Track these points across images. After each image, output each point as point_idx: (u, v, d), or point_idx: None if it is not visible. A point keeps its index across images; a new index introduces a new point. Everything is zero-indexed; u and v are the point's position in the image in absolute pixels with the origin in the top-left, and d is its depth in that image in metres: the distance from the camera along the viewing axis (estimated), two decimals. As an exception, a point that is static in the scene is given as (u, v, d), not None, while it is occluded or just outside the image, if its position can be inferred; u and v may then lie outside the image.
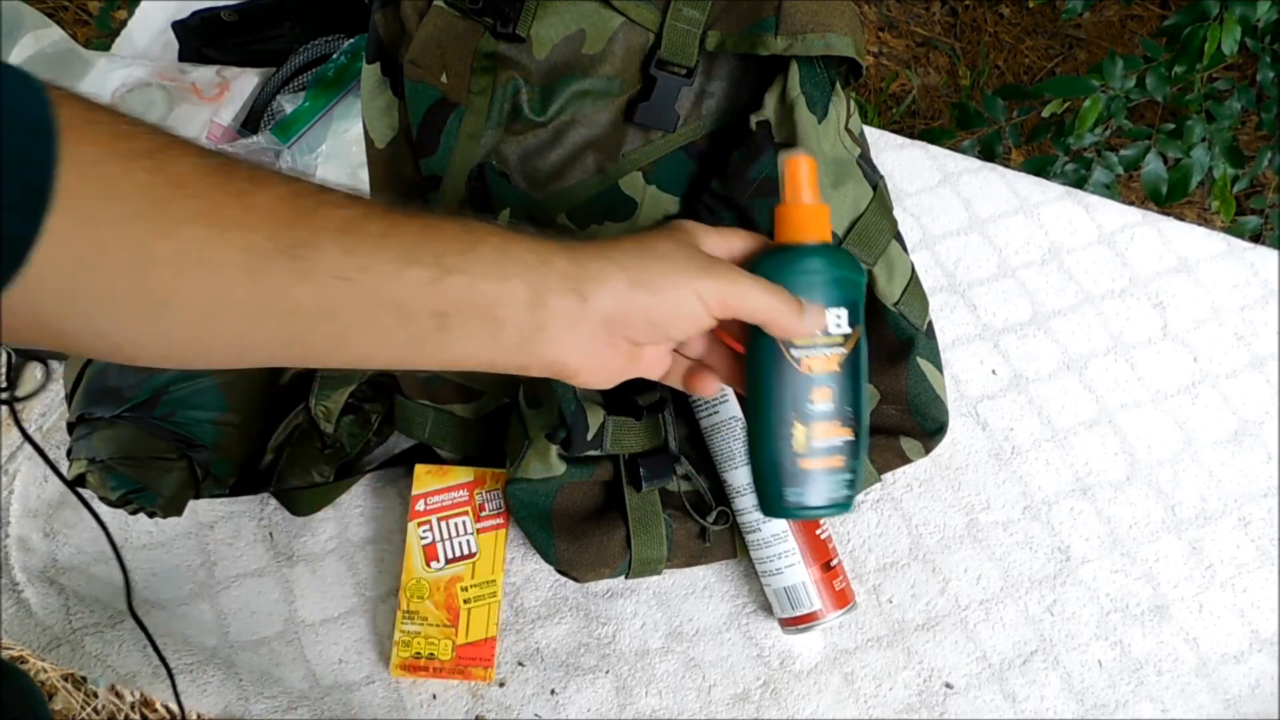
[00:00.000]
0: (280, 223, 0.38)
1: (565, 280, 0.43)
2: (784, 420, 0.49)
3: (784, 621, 0.68)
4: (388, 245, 0.40)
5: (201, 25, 0.88)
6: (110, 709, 1.22)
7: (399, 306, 0.40)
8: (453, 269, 0.41)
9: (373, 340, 0.41)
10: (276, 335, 0.40)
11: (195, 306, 0.38)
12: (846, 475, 0.50)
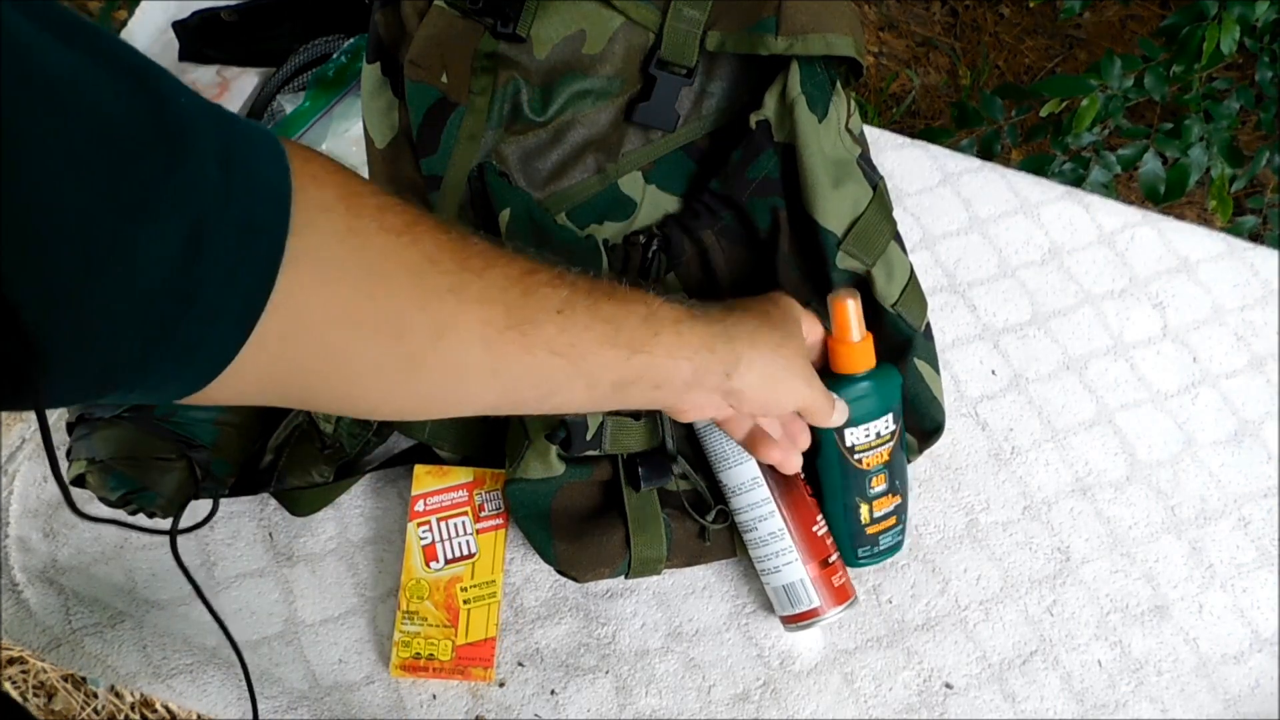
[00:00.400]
0: (512, 301, 0.44)
1: (721, 364, 0.53)
2: (852, 505, 0.67)
3: (785, 619, 0.68)
4: (593, 327, 0.48)
5: (201, 25, 0.88)
6: (110, 709, 1.22)
7: (592, 377, 0.49)
8: (639, 350, 0.50)
9: (565, 399, 0.50)
10: (494, 394, 0.47)
11: (438, 371, 0.44)
12: (899, 527, 0.69)
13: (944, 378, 0.78)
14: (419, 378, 0.43)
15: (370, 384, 0.42)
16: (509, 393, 0.47)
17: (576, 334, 0.46)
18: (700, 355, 0.52)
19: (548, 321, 0.45)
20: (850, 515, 0.68)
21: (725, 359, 0.53)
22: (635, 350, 0.49)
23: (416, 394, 0.44)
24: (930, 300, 0.73)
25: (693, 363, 0.52)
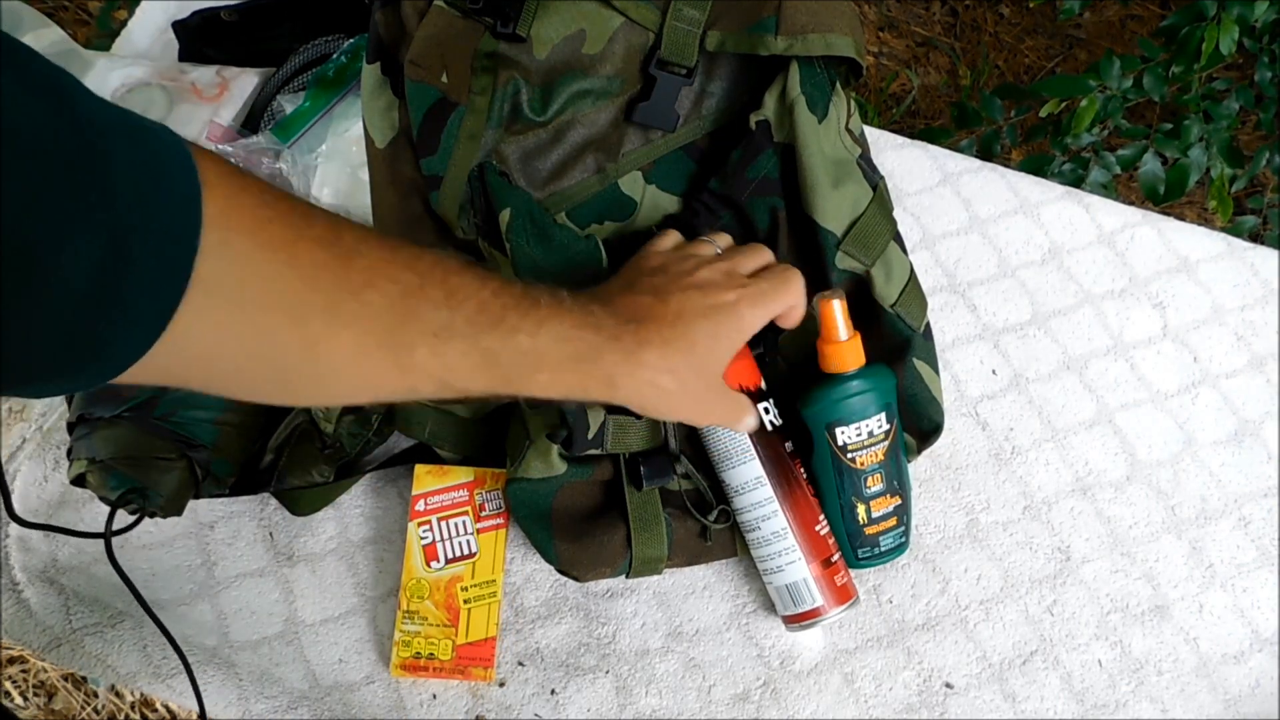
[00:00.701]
0: (386, 326, 0.45)
1: (596, 393, 0.54)
2: (849, 504, 0.68)
3: (787, 619, 0.68)
4: (469, 354, 0.48)
5: (201, 25, 0.88)
6: (110, 709, 1.22)
7: (466, 392, 0.50)
8: (512, 383, 0.51)
9: (460, 388, 0.50)
10: (367, 398, 0.53)
11: (312, 382, 0.46)
12: (900, 529, 0.69)
13: (944, 378, 0.78)
14: (295, 386, 0.45)
15: (253, 384, 0.44)
16: (383, 398, 0.51)
17: (451, 360, 0.47)
18: (574, 393, 0.54)
19: (422, 345, 0.46)
20: (848, 515, 0.68)
21: (600, 391, 0.54)
22: (509, 382, 0.51)
23: (297, 396, 0.49)
24: (930, 300, 0.73)
25: (565, 395, 0.54)
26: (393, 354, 0.45)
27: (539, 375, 0.51)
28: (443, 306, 0.47)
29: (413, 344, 0.46)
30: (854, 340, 0.66)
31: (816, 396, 0.67)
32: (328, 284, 0.43)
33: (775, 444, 0.66)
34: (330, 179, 0.74)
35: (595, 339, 0.53)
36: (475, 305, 0.48)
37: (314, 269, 0.42)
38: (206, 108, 0.83)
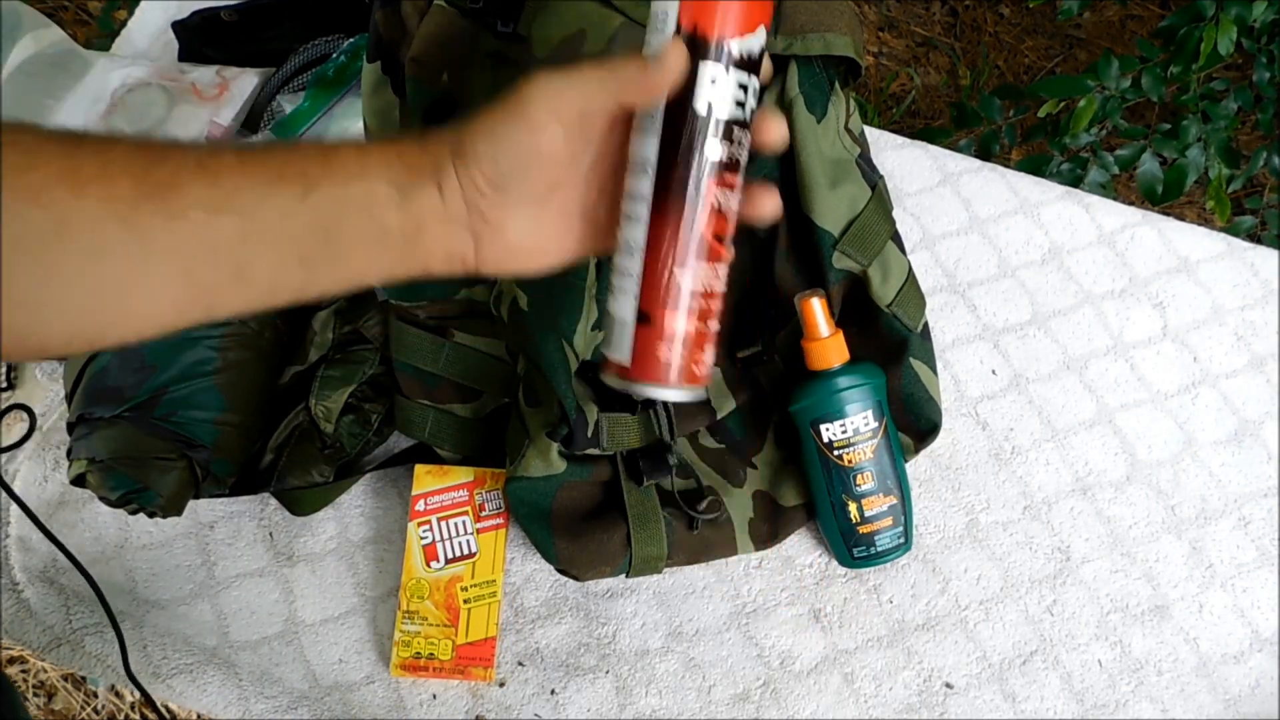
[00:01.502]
0: (140, 170, 0.38)
1: (420, 172, 0.43)
2: (840, 502, 0.68)
3: (604, 363, 0.49)
4: (250, 171, 0.40)
5: (201, 25, 0.88)
6: (110, 709, 1.22)
7: (278, 229, 0.41)
8: (318, 179, 0.41)
9: (268, 269, 0.41)
10: (170, 284, 0.40)
11: (80, 274, 0.38)
12: (897, 529, 0.69)
13: (944, 378, 0.78)
14: (63, 288, 0.38)
15: (15, 312, 0.37)
16: (190, 280, 0.40)
17: (232, 182, 0.40)
18: (392, 167, 0.42)
19: (191, 178, 0.39)
20: (840, 513, 0.68)
21: (421, 165, 0.43)
22: (312, 182, 0.41)
23: (69, 309, 0.39)
24: (930, 300, 0.73)
25: (387, 179, 0.42)
26: (161, 201, 0.38)
27: (339, 165, 0.42)
28: (201, 145, 0.41)
29: (179, 182, 0.39)
30: (835, 337, 0.67)
31: (801, 394, 0.68)
32: (56, 152, 0.37)
33: (693, 134, 0.44)
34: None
35: (402, 136, 0.45)
36: (241, 141, 0.42)
37: (37, 144, 0.38)
38: (206, 108, 0.83)
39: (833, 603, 0.72)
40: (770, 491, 0.72)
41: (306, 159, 0.41)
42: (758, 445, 0.73)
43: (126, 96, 0.84)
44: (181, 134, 0.82)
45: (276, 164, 0.41)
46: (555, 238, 0.47)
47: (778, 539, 0.72)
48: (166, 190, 0.38)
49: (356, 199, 0.42)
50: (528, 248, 0.46)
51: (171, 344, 0.68)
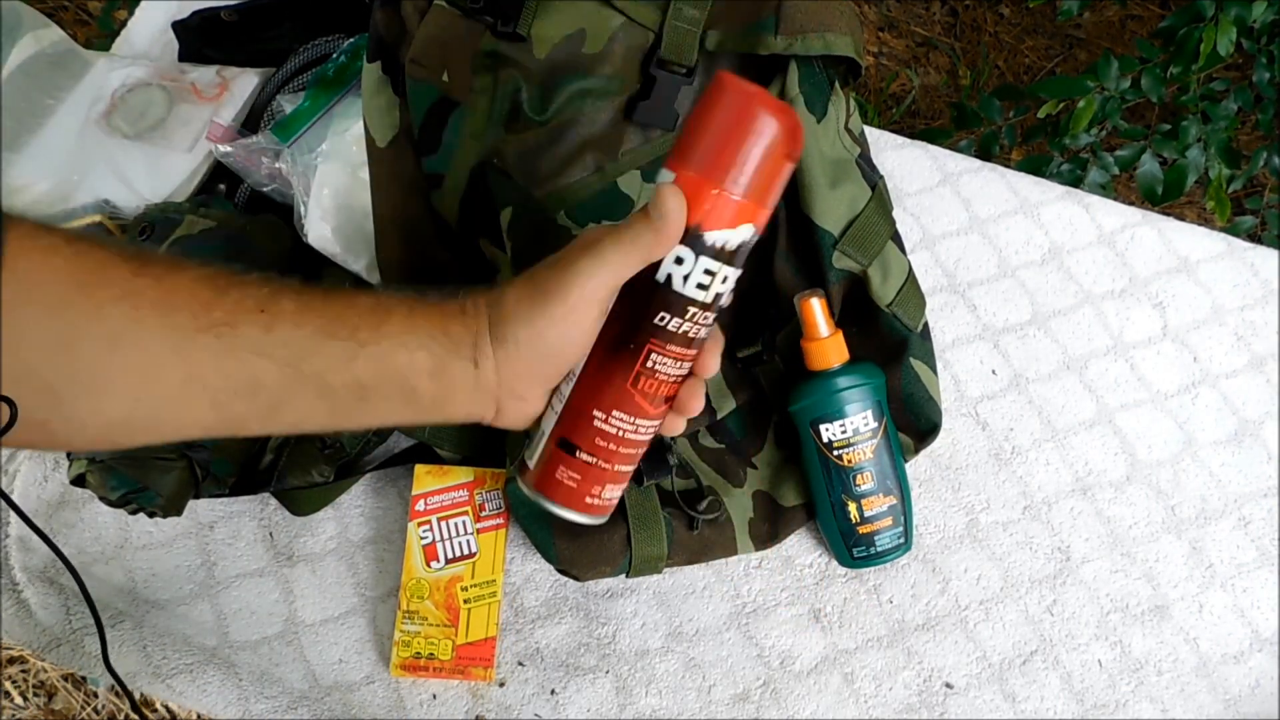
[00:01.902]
0: (200, 303, 0.40)
1: (460, 347, 0.45)
2: (840, 502, 0.68)
3: (520, 466, 0.54)
4: (305, 322, 0.42)
5: (201, 25, 0.88)
6: (110, 709, 1.22)
7: (320, 380, 0.43)
8: (366, 343, 0.43)
9: (300, 412, 0.44)
10: (205, 409, 0.42)
11: (124, 384, 0.40)
12: (897, 529, 0.69)
13: (944, 378, 0.78)
14: (105, 397, 0.40)
15: (54, 407, 0.39)
16: (223, 409, 0.42)
17: (286, 332, 0.42)
18: (436, 340, 0.45)
19: (249, 322, 0.41)
20: (839, 513, 0.69)
21: (463, 340, 0.46)
22: (361, 344, 0.43)
23: (108, 418, 0.41)
24: (930, 300, 0.73)
25: (430, 351, 0.45)
26: (215, 336, 0.40)
27: (388, 330, 0.44)
28: (264, 284, 0.43)
29: (237, 321, 0.41)
30: (835, 337, 0.67)
31: (800, 394, 0.68)
32: (124, 273, 0.39)
33: (647, 298, 0.46)
34: (330, 179, 0.74)
35: (447, 304, 0.46)
36: (299, 283, 0.44)
37: (107, 260, 0.40)
38: (206, 108, 0.83)
39: (833, 603, 0.72)
40: (770, 491, 0.72)
41: (361, 316, 0.44)
42: (758, 445, 0.73)
43: (126, 96, 0.84)
44: (181, 134, 0.82)
45: (333, 317, 0.43)
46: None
47: (778, 539, 0.72)
48: (223, 327, 0.41)
49: (397, 367, 0.44)
50: (540, 407, 0.50)
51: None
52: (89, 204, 0.78)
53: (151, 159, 0.81)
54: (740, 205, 0.45)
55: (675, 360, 0.47)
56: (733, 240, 0.45)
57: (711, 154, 0.44)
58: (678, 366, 0.48)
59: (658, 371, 0.47)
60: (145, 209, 0.76)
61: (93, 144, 0.82)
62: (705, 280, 0.46)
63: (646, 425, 0.49)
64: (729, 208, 0.45)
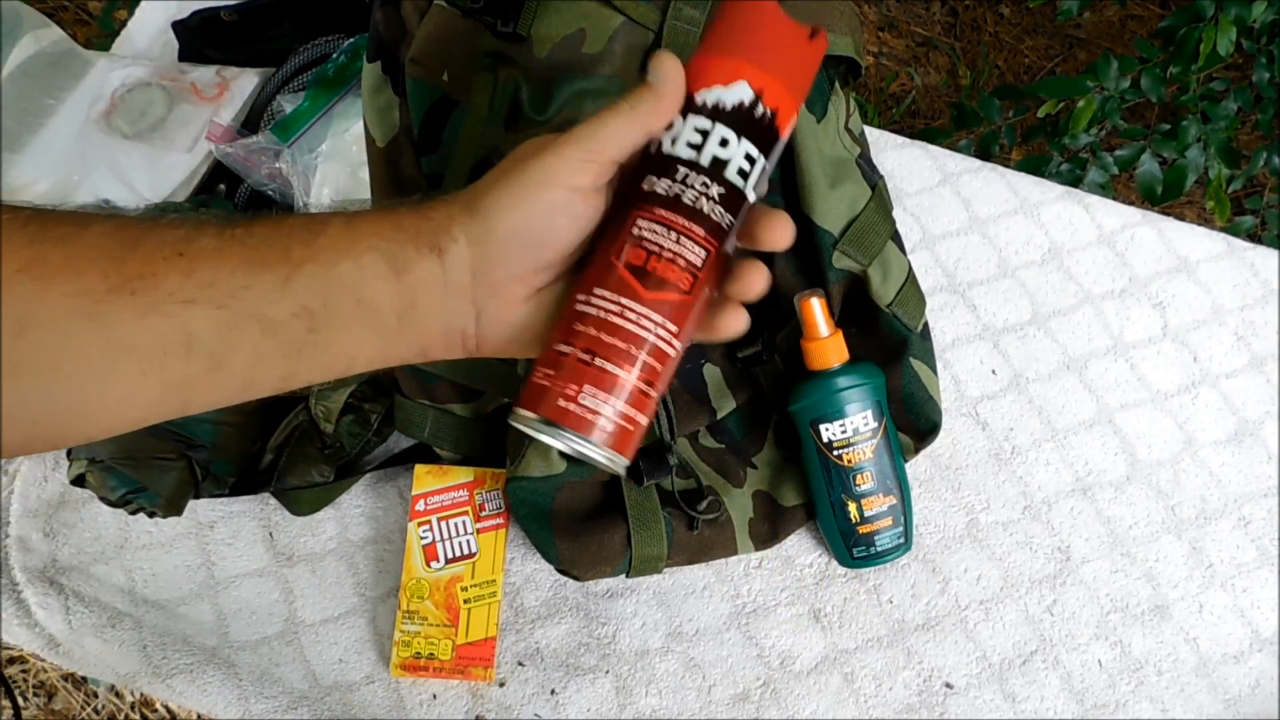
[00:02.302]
0: (110, 259, 0.36)
1: (418, 238, 0.39)
2: (839, 501, 0.68)
3: None
4: (229, 255, 0.37)
5: (201, 25, 0.88)
6: (110, 709, 1.22)
7: (259, 317, 0.37)
8: (302, 261, 0.38)
9: (247, 360, 0.38)
10: (140, 382, 0.37)
11: (42, 369, 0.35)
12: (897, 529, 0.69)
13: (944, 378, 0.78)
14: (23, 391, 0.35)
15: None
16: (162, 377, 0.37)
17: (209, 271, 0.36)
18: (386, 238, 0.39)
19: (167, 269, 0.36)
20: (839, 513, 0.69)
21: (420, 229, 0.39)
22: (296, 264, 0.37)
23: (33, 409, 0.35)
24: (930, 300, 0.73)
25: (379, 251, 0.39)
26: (130, 292, 0.35)
27: (325, 242, 0.38)
28: (179, 225, 0.37)
29: (154, 272, 0.36)
30: (835, 337, 0.67)
31: (801, 394, 0.68)
32: (22, 240, 0.35)
33: (633, 167, 0.43)
34: (330, 178, 0.74)
35: (395, 205, 0.41)
36: (224, 215, 0.38)
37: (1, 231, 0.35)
38: (206, 108, 0.83)
39: (833, 603, 0.72)
40: (770, 491, 0.72)
41: (291, 237, 0.38)
42: (758, 445, 0.73)
43: (126, 96, 0.84)
44: (182, 134, 0.82)
45: (258, 246, 0.38)
46: (557, 312, 0.43)
47: (778, 539, 0.72)
48: (138, 281, 0.36)
49: (344, 279, 0.38)
50: (532, 325, 0.42)
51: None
52: (89, 204, 0.78)
53: (151, 159, 0.81)
54: (729, 62, 0.42)
55: (668, 229, 0.41)
56: (726, 98, 0.41)
57: (704, 33, 0.43)
58: (674, 239, 0.41)
59: (645, 239, 0.40)
60: (145, 209, 0.76)
61: (93, 144, 0.82)
62: (695, 139, 0.41)
63: (639, 312, 0.40)
64: (716, 65, 0.42)
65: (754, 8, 0.42)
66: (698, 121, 0.41)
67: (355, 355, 0.40)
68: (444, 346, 0.42)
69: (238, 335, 0.37)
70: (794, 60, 0.43)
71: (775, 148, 0.43)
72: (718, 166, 0.41)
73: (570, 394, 0.41)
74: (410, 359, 0.42)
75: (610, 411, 0.41)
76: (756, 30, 0.42)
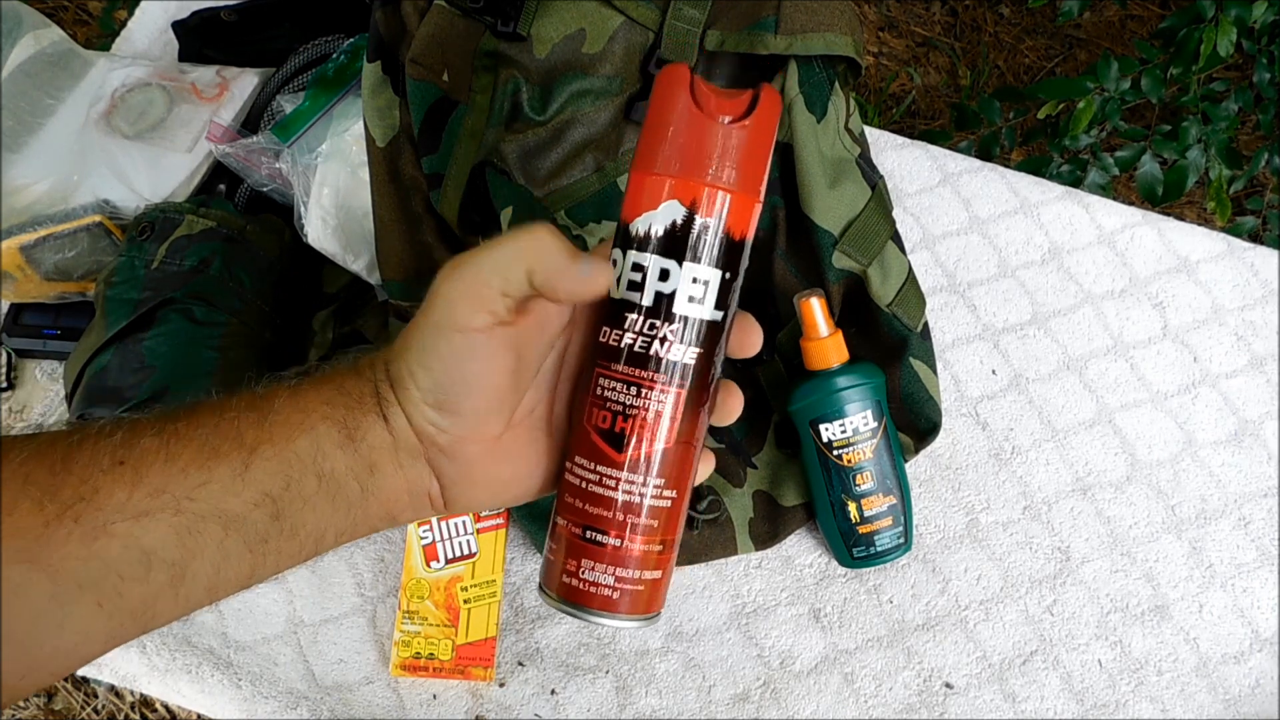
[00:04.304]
0: (42, 486, 0.32)
1: (362, 402, 0.37)
2: (839, 501, 0.68)
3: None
4: (177, 452, 0.34)
5: (201, 25, 0.88)
6: (110, 709, 1.22)
7: (220, 513, 0.34)
8: (257, 444, 0.35)
9: (213, 565, 0.34)
10: (95, 616, 0.33)
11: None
12: (897, 529, 0.69)
13: (944, 378, 0.78)
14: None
15: None
16: (119, 605, 0.33)
17: (158, 474, 0.33)
18: (335, 405, 0.36)
19: (108, 483, 0.32)
20: (839, 513, 0.69)
21: (363, 394, 0.37)
22: (251, 446, 0.34)
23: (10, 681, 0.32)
24: (930, 300, 0.73)
25: (331, 419, 0.36)
26: (74, 518, 0.32)
27: (275, 418, 0.36)
28: (115, 428, 0.34)
29: (93, 488, 0.32)
30: (835, 337, 0.67)
31: (800, 394, 0.68)
32: None
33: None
34: (330, 179, 0.74)
35: (339, 366, 0.38)
36: (160, 411, 0.35)
37: None
38: (206, 108, 0.83)
39: (833, 603, 0.72)
40: (770, 491, 0.72)
41: (240, 420, 0.35)
42: (758, 445, 0.73)
43: (126, 96, 0.84)
44: (182, 134, 0.82)
45: (208, 436, 0.34)
46: (530, 461, 0.40)
47: (778, 539, 0.72)
48: (79, 505, 0.32)
49: (302, 455, 0.35)
50: (501, 478, 0.40)
51: (171, 344, 0.69)
52: (89, 204, 0.78)
53: (151, 159, 0.81)
54: (657, 180, 0.37)
55: (628, 384, 0.38)
56: (656, 224, 0.37)
57: (638, 143, 0.38)
58: (635, 394, 0.38)
59: (609, 399, 0.38)
60: (145, 209, 0.76)
61: (93, 144, 0.82)
62: (636, 277, 0.38)
63: (617, 477, 0.38)
64: (640, 185, 0.38)
65: (665, 103, 0.37)
66: (635, 257, 0.38)
67: (323, 534, 0.37)
68: (413, 509, 0.39)
69: (199, 539, 0.34)
70: (730, 149, 0.37)
71: (736, 254, 0.38)
72: (663, 303, 0.37)
73: (571, 569, 0.39)
74: (381, 527, 0.39)
75: (616, 581, 0.39)
76: (676, 132, 0.37)
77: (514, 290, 0.35)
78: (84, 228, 0.76)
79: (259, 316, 0.72)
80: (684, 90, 0.37)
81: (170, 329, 0.69)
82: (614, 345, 0.38)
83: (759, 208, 0.39)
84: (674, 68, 0.37)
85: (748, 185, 0.38)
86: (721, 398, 0.40)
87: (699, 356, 0.38)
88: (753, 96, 0.37)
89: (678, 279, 0.37)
